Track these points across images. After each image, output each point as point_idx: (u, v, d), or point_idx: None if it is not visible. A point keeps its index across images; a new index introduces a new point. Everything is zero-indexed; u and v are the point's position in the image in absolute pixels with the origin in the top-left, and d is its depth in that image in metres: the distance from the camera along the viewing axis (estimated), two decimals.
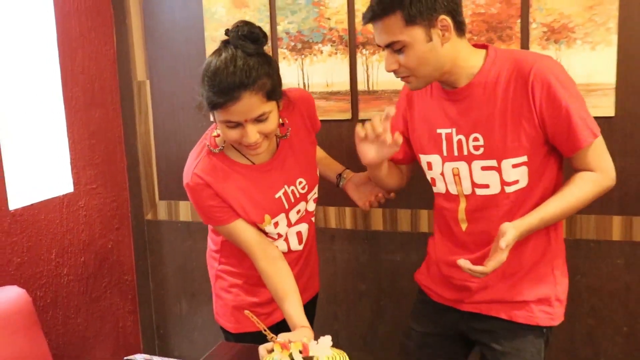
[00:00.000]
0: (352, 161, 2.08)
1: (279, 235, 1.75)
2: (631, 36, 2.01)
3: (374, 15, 1.49)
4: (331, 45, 2.32)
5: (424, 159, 1.70)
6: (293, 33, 2.35)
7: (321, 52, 2.33)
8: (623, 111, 2.05)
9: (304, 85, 2.34)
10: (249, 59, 1.48)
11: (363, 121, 2.13)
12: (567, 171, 1.62)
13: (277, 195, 1.71)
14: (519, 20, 2.09)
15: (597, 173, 1.56)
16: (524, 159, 1.53)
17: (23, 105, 2.20)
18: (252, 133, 1.51)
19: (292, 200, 1.74)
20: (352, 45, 2.30)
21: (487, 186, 1.59)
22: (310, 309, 1.86)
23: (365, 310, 2.46)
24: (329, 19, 2.30)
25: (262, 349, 1.45)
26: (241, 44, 1.49)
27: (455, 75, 1.56)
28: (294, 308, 1.59)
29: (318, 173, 1.85)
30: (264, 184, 1.69)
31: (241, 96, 1.46)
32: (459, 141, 1.60)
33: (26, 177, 2.20)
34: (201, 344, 2.74)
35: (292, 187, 1.73)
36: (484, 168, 1.58)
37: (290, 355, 1.34)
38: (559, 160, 1.60)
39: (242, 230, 1.67)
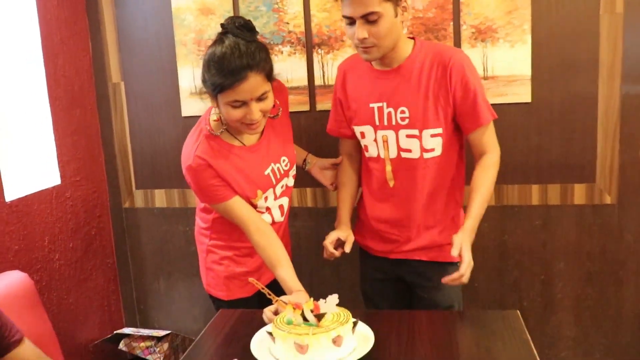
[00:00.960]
0: (311, 148, 2.32)
1: (267, 209, 1.90)
2: (541, 36, 2.32)
3: None
4: (290, 46, 2.51)
5: (357, 129, 1.94)
6: None
7: (281, 52, 2.52)
8: (538, 98, 2.35)
9: None
10: (250, 45, 1.66)
11: (320, 112, 2.37)
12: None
13: (266, 172, 1.86)
14: (451, 23, 2.35)
15: (492, 154, 1.87)
16: (440, 130, 1.83)
17: (14, 106, 2.33)
18: (256, 110, 1.68)
19: (278, 176, 1.90)
20: (308, 46, 2.49)
21: (409, 151, 1.85)
22: None
23: (327, 277, 2.67)
24: (287, 23, 2.50)
25: (267, 311, 1.59)
26: (240, 33, 1.67)
27: (394, 55, 1.80)
28: (287, 274, 1.74)
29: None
30: (255, 163, 1.84)
31: (248, 76, 1.62)
32: (389, 113, 1.85)
33: (19, 171, 2.33)
34: (178, 315, 2.93)
35: (277, 165, 1.89)
36: (408, 136, 1.84)
37: (302, 314, 1.42)
38: (461, 139, 1.92)
39: (238, 206, 1.80)
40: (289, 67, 2.53)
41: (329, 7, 2.44)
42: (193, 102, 2.65)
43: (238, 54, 1.63)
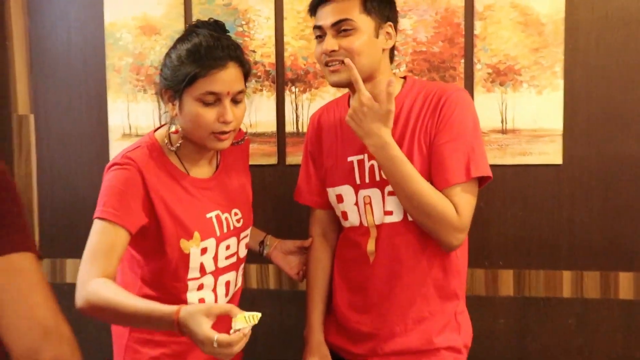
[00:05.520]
0: (279, 211, 2.31)
1: (202, 273, 1.77)
2: (577, 80, 2.22)
3: None
4: (255, 81, 2.40)
5: (332, 192, 1.89)
6: None
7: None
8: (571, 159, 2.24)
9: None
10: (229, 39, 1.73)
11: (291, 167, 2.30)
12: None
13: (208, 215, 1.79)
14: (462, 61, 2.27)
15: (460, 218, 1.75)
16: None
17: None
18: (231, 110, 1.68)
19: (225, 230, 1.81)
20: (279, 82, 2.40)
21: (391, 213, 1.79)
22: None
23: None
24: (254, 51, 2.40)
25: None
26: (214, 29, 1.73)
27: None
28: (143, 302, 1.55)
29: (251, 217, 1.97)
30: (197, 200, 1.78)
31: (228, 65, 1.66)
32: (371, 167, 1.80)
33: None
34: None
35: (226, 215, 1.83)
36: (390, 193, 1.77)
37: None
38: None
39: (120, 242, 1.62)
40: (252, 107, 2.43)
41: (308, 33, 2.35)
42: (125, 146, 2.47)
43: (218, 44, 1.68)
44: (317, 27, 1.78)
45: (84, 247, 2.34)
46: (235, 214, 1.88)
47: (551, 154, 2.25)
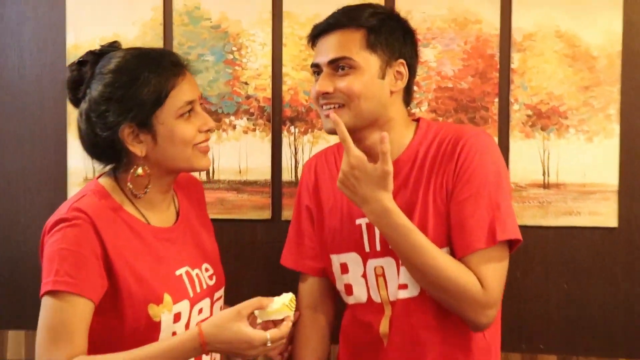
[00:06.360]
0: (271, 275, 2.20)
1: None
2: (636, 126, 2.09)
3: (335, 23, 1.66)
4: (248, 119, 2.31)
5: (336, 260, 1.79)
6: None
7: (234, 127, 2.31)
8: (628, 220, 2.11)
9: (209, 171, 2.32)
10: None
11: (288, 223, 2.08)
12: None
13: (178, 272, 1.69)
14: (496, 100, 2.16)
15: (486, 293, 1.64)
16: (446, 250, 1.65)
17: None
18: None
19: (198, 289, 1.73)
20: (276, 120, 2.30)
21: (405, 286, 1.70)
22: None
23: None
24: (246, 83, 2.29)
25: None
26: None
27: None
28: (146, 349, 1.50)
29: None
30: (161, 254, 1.68)
31: (185, 72, 1.64)
32: None
33: None
34: None
35: (196, 270, 1.75)
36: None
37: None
38: None
39: (74, 309, 1.48)
40: (243, 150, 2.33)
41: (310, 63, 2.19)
42: None
43: (158, 50, 1.74)
44: (313, 65, 1.74)
45: (30, 316, 1.99)
46: (207, 270, 1.79)
47: (604, 214, 2.12)
